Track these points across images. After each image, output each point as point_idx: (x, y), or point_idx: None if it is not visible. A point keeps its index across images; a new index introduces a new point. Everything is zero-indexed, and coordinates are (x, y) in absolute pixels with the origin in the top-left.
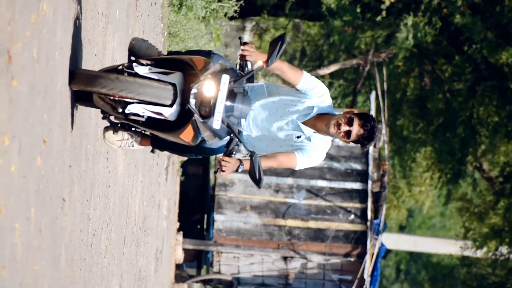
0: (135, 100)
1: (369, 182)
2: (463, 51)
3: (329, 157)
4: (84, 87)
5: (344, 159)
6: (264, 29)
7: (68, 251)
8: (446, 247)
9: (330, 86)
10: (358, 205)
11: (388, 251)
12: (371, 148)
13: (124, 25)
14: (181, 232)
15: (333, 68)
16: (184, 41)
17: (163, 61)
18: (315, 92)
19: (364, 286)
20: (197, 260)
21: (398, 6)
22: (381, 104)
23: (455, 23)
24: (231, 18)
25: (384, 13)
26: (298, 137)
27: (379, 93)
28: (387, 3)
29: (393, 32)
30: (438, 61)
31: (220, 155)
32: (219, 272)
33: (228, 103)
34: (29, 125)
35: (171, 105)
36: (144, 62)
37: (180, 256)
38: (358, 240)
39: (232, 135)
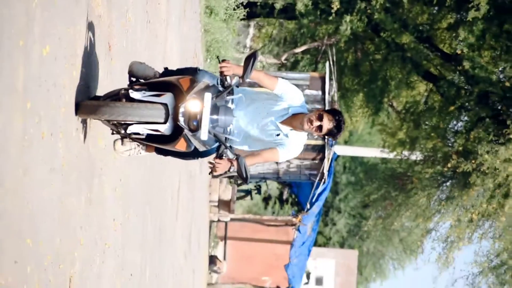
0: (134, 121)
1: None
2: (380, 35)
3: None
4: (89, 116)
5: (310, 102)
6: (261, 25)
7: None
8: (372, 152)
9: (301, 59)
10: None
11: (338, 156)
12: (327, 95)
13: (177, 26)
14: None
15: (303, 48)
16: (214, 34)
17: (156, 84)
18: (290, 95)
19: (324, 177)
20: None
21: (341, 10)
22: (332, 69)
23: (375, 19)
24: (241, 19)
25: (333, 15)
26: (278, 135)
27: (331, 62)
28: (335, 8)
29: (338, 26)
30: (366, 42)
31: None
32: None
33: (213, 116)
34: None
35: (165, 122)
36: (139, 87)
37: None
38: (320, 150)
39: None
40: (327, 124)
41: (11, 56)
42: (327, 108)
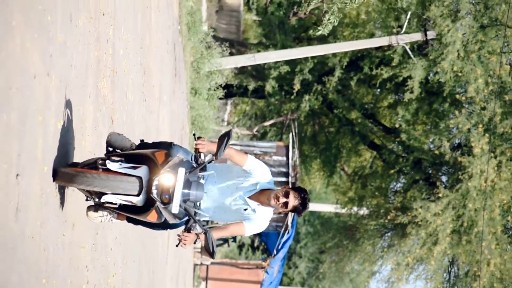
0: (109, 192)
1: (290, 177)
2: (333, 112)
3: (269, 165)
4: (66, 184)
5: (277, 166)
6: (236, 103)
7: None
8: (327, 207)
9: (269, 130)
10: None
11: None
12: (290, 160)
13: (168, 104)
14: None
15: (271, 121)
16: (198, 110)
17: (132, 156)
18: (258, 172)
19: (288, 228)
20: None
21: (301, 90)
22: (294, 139)
23: (329, 98)
24: (220, 98)
25: (295, 95)
26: (245, 209)
27: (294, 133)
28: (296, 89)
29: (299, 104)
30: (322, 117)
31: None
32: None
33: (185, 190)
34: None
35: (138, 195)
36: (116, 158)
37: None
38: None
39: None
40: (293, 201)
41: (32, 130)
42: (291, 180)
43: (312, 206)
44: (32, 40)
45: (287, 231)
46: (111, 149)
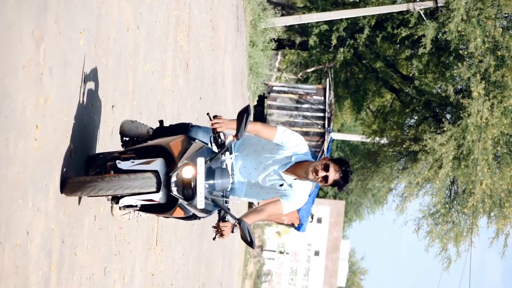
0: (126, 194)
1: (326, 113)
2: (362, 62)
3: (310, 103)
4: (76, 194)
5: (316, 104)
6: (285, 54)
7: None
8: (355, 137)
9: (311, 76)
10: (321, 121)
11: (333, 140)
12: (327, 100)
13: (231, 53)
14: None
15: (312, 69)
16: (254, 59)
17: (146, 150)
18: (291, 143)
19: (324, 153)
20: None
21: (337, 44)
22: (331, 83)
23: (359, 51)
24: (273, 49)
25: (332, 47)
26: (281, 185)
27: (330, 78)
28: (333, 43)
29: (335, 55)
30: (353, 66)
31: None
32: None
33: (209, 181)
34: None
35: (157, 191)
36: (127, 156)
37: None
38: (322, 135)
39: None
40: (333, 174)
41: (125, 71)
42: (327, 116)
43: (344, 136)
44: (127, 1)
45: (323, 156)
46: (127, 138)
